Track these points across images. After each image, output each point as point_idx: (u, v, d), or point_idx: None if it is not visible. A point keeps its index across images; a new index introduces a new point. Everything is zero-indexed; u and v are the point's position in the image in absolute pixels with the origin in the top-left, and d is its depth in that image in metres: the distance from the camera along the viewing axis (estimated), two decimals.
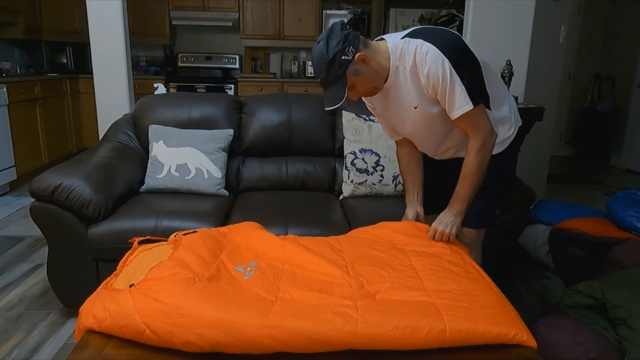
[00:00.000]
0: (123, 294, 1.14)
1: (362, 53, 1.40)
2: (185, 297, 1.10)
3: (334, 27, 1.41)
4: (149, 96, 2.71)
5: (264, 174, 2.55)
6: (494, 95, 1.51)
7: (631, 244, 2.07)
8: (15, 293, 2.34)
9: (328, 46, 1.37)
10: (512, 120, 1.61)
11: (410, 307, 1.11)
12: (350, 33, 1.40)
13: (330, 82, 1.41)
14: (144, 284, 1.17)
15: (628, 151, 5.27)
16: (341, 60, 1.37)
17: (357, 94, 1.49)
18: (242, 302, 1.11)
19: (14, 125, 3.96)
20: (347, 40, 1.38)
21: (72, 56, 5.47)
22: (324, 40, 1.39)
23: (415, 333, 1.03)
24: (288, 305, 1.11)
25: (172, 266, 1.24)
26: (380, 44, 1.47)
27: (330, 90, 1.42)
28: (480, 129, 1.45)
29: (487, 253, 1.78)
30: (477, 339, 1.04)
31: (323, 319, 1.05)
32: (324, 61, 1.38)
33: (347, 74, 1.40)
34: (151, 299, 1.10)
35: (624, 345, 1.44)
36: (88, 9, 2.99)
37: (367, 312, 1.07)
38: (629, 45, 5.29)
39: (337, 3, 5.62)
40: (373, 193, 2.36)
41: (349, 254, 1.43)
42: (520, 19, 2.78)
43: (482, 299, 1.16)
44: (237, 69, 5.73)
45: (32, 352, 1.87)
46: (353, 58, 1.39)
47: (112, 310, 1.09)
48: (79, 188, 1.94)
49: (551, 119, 3.37)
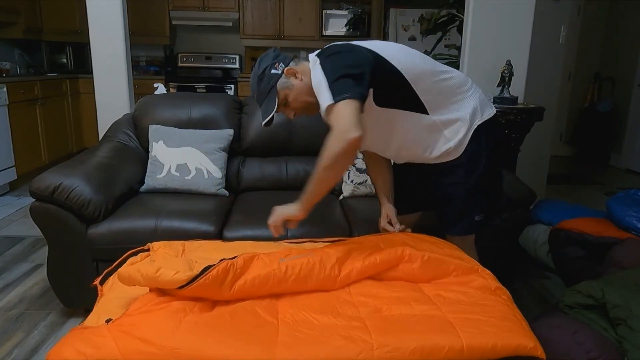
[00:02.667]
0: (101, 333, 0.96)
1: (292, 68, 1.48)
2: (178, 335, 0.95)
3: (267, 51, 1.53)
4: (149, 96, 2.71)
5: (264, 174, 2.55)
6: (437, 101, 1.51)
7: (631, 244, 2.07)
8: (15, 293, 2.34)
9: (260, 65, 1.49)
10: (464, 124, 1.55)
11: (423, 325, 1.06)
12: (281, 54, 1.52)
13: (262, 96, 1.49)
14: (125, 319, 1.00)
15: (628, 151, 5.27)
16: (270, 74, 1.47)
17: (293, 109, 1.53)
18: (243, 332, 1.01)
19: (14, 125, 3.96)
20: (277, 58, 1.49)
21: (72, 56, 5.47)
22: (257, 62, 1.51)
23: (434, 354, 0.98)
24: (293, 332, 1.02)
25: (159, 299, 1.07)
26: (303, 62, 1.53)
27: (264, 105, 1.50)
28: (336, 124, 1.35)
29: (487, 253, 1.78)
30: (496, 354, 1.02)
31: (335, 346, 0.97)
32: (255, 77, 1.49)
33: (278, 87, 1.47)
34: (137, 339, 0.94)
35: (624, 345, 1.44)
36: (88, 9, 2.98)
37: (380, 335, 1.01)
38: (629, 45, 5.29)
39: (337, 3, 5.62)
40: (373, 193, 2.35)
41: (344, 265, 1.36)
42: (520, 19, 2.78)
43: (493, 309, 1.14)
44: (237, 69, 5.73)
45: (32, 352, 1.87)
46: (282, 72, 1.47)
47: (89, 355, 0.91)
48: (79, 188, 1.94)
49: (551, 119, 3.37)
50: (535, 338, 1.07)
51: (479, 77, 2.74)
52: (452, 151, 1.55)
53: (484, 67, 2.81)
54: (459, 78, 1.56)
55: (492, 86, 2.73)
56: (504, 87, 2.69)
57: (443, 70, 1.54)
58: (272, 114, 1.47)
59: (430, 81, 1.49)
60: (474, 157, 1.56)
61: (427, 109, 1.50)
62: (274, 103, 1.46)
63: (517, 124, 2.63)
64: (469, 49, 2.83)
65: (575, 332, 1.46)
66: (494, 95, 2.72)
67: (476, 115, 1.55)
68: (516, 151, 2.78)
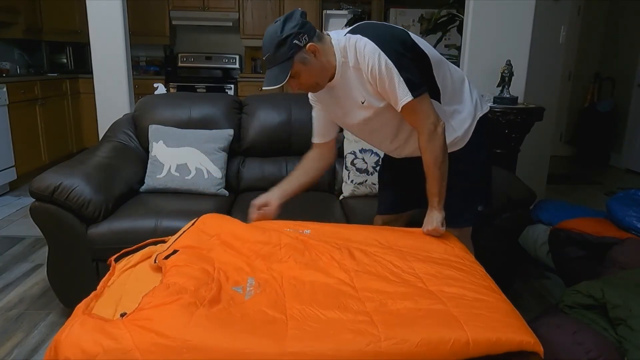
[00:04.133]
0: (117, 326, 0.99)
1: (315, 44, 1.40)
2: (190, 328, 0.98)
3: (294, 12, 1.40)
4: (149, 96, 2.71)
5: (264, 174, 2.55)
6: (447, 91, 1.53)
7: (631, 244, 2.07)
8: (15, 293, 2.34)
9: (284, 27, 1.37)
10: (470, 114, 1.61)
11: (429, 319, 1.07)
12: (308, 23, 1.40)
13: (276, 61, 1.39)
14: (139, 313, 1.03)
15: (628, 151, 5.27)
16: (292, 44, 1.36)
17: (299, 84, 1.46)
18: (253, 327, 1.03)
19: (14, 125, 3.96)
20: (304, 28, 1.38)
21: (72, 56, 5.47)
22: (280, 21, 1.38)
23: (440, 347, 0.99)
24: (302, 326, 1.04)
25: (169, 291, 1.11)
26: (326, 39, 1.47)
27: (273, 70, 1.39)
28: (425, 120, 1.43)
29: (487, 253, 1.78)
30: (499, 348, 1.03)
31: (343, 339, 0.99)
32: (275, 39, 1.36)
33: (295, 59, 1.38)
34: (151, 332, 0.97)
35: (624, 345, 1.44)
36: (88, 9, 2.99)
37: (388, 328, 1.03)
38: (629, 45, 5.29)
39: (337, 3, 5.62)
40: (373, 193, 2.36)
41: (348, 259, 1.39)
42: (520, 19, 2.78)
43: (494, 305, 1.15)
44: (237, 69, 5.73)
45: (32, 352, 1.87)
46: (304, 46, 1.38)
47: (106, 346, 0.95)
48: (79, 188, 1.94)
49: (551, 119, 3.37)
50: (532, 334, 1.08)
51: (479, 77, 2.74)
52: (458, 141, 1.58)
53: (484, 67, 2.81)
54: (462, 73, 1.63)
55: (492, 86, 2.73)
56: (504, 87, 2.69)
57: (450, 63, 1.59)
58: (280, 85, 1.40)
59: (444, 70, 1.53)
60: (475, 148, 1.60)
61: (441, 97, 1.52)
62: (286, 74, 1.39)
63: (517, 124, 2.63)
64: (469, 49, 2.83)
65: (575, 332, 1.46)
66: (494, 95, 2.72)
67: (477, 107, 1.61)
68: (516, 151, 2.78)
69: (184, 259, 1.28)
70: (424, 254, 1.44)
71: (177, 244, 1.39)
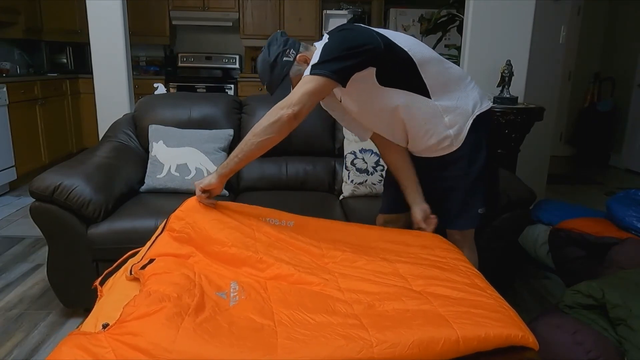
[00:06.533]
0: (100, 343, 0.93)
1: (303, 54, 1.46)
2: (177, 344, 0.92)
3: (274, 36, 1.49)
4: (149, 96, 2.71)
5: (264, 174, 2.55)
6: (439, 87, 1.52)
7: (631, 244, 2.07)
8: (15, 293, 2.34)
9: (270, 51, 1.46)
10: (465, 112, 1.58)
11: (417, 319, 1.07)
12: (289, 39, 1.49)
13: (275, 84, 1.48)
14: (121, 326, 0.96)
15: (628, 151, 5.27)
16: (283, 62, 1.45)
17: None
18: (242, 336, 1.00)
19: (14, 125, 3.96)
20: (287, 44, 1.47)
21: (72, 56, 5.47)
22: (265, 48, 1.48)
23: (431, 347, 0.99)
24: (292, 334, 1.02)
25: (151, 299, 1.04)
26: (311, 47, 1.51)
27: (277, 93, 1.47)
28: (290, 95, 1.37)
29: (487, 253, 1.78)
30: (489, 344, 1.03)
31: (335, 346, 0.97)
32: (267, 64, 1.47)
33: (291, 75, 1.47)
34: (137, 350, 0.91)
35: (624, 345, 1.44)
36: (88, 9, 2.99)
37: (378, 331, 1.02)
38: (629, 46, 5.29)
39: (337, 3, 5.62)
40: (373, 193, 2.36)
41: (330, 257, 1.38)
42: (520, 19, 2.78)
43: (479, 302, 1.16)
44: (237, 69, 5.73)
45: (32, 352, 1.87)
46: (294, 59, 1.46)
47: None
48: (79, 188, 1.94)
49: (551, 119, 3.37)
50: (525, 327, 1.08)
51: (479, 77, 2.74)
52: (452, 140, 1.56)
53: (484, 67, 2.81)
54: (461, 72, 1.62)
55: (492, 86, 2.73)
56: (504, 87, 2.69)
57: (447, 62, 1.59)
58: None
59: (435, 68, 1.52)
60: (475, 148, 1.58)
61: (430, 93, 1.51)
62: (289, 91, 1.44)
63: (517, 124, 2.63)
64: (469, 49, 2.83)
65: (575, 332, 1.46)
66: (494, 96, 2.72)
67: (476, 107, 1.59)
68: (516, 151, 2.78)
69: (162, 267, 1.23)
70: (406, 255, 1.44)
71: (152, 252, 1.35)
